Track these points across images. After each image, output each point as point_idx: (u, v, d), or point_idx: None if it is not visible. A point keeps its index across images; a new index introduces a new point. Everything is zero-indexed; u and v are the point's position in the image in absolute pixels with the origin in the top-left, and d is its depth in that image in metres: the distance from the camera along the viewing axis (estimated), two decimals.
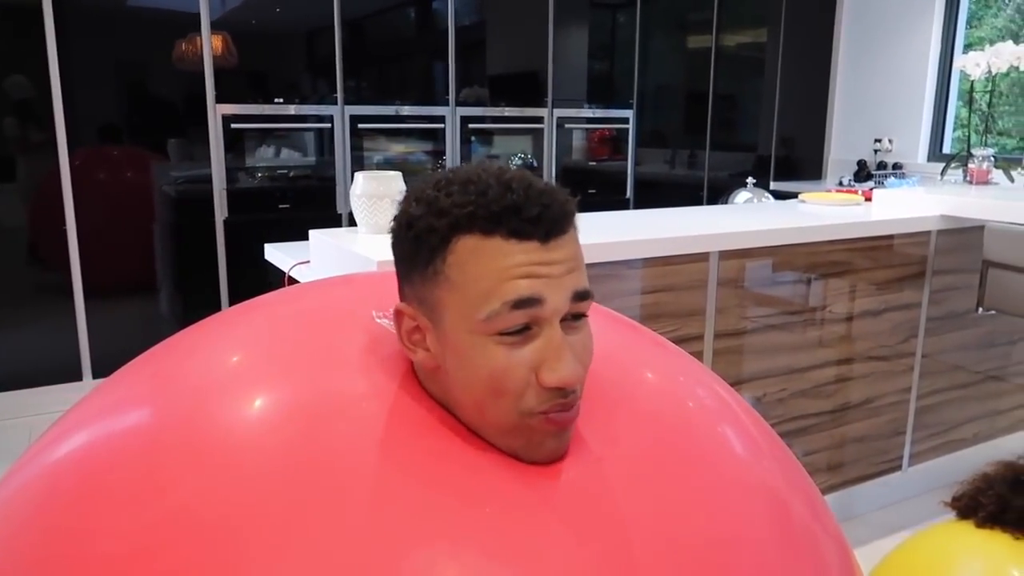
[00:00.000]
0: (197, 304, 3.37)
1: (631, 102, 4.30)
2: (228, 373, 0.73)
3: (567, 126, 4.11)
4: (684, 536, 0.66)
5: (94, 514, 0.61)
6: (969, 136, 3.07)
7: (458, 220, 0.63)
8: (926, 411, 2.46)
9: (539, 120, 4.02)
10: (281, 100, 3.41)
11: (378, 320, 0.79)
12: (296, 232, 2.05)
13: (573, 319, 0.65)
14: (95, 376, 3.22)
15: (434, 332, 0.66)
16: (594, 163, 4.27)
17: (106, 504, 0.61)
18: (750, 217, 2.21)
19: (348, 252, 1.54)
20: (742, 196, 3.21)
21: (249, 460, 0.63)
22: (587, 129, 4.21)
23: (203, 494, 0.61)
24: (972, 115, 3.13)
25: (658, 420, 0.76)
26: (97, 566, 0.58)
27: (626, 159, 4.34)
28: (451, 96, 3.77)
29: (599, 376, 0.75)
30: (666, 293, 1.88)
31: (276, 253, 1.95)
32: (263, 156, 3.44)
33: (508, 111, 3.92)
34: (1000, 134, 4.29)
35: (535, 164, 4.05)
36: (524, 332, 0.63)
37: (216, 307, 3.35)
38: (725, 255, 1.94)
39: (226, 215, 3.36)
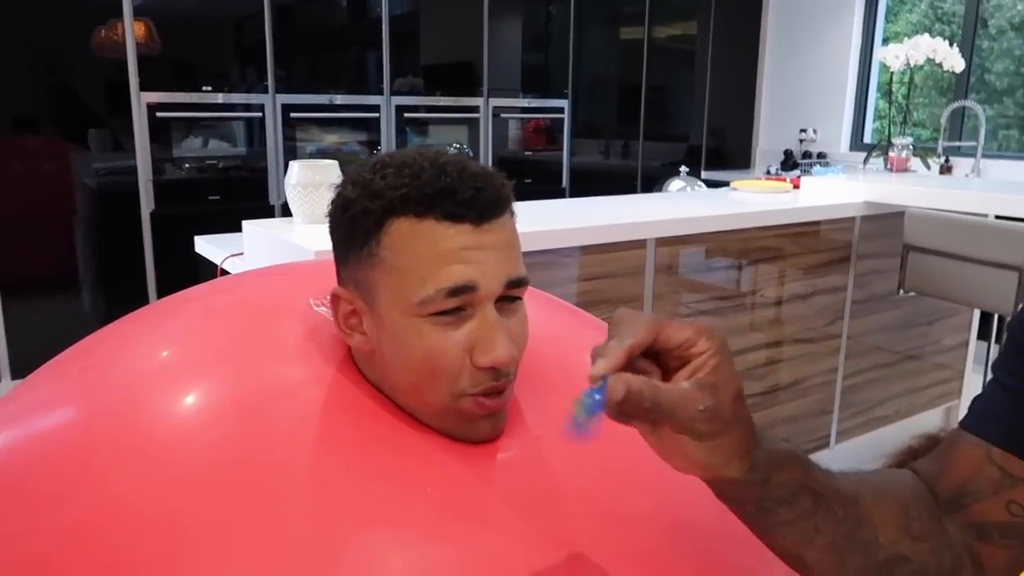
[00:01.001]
0: (123, 300, 3.25)
1: (566, 92, 4.33)
2: (162, 365, 0.71)
3: (503, 116, 4.11)
4: (624, 511, 0.67)
5: (21, 513, 0.59)
6: (889, 126, 3.20)
7: (392, 202, 0.63)
8: (851, 390, 2.57)
9: (475, 110, 4.01)
10: (209, 88, 3.31)
11: (316, 308, 0.78)
12: (227, 224, 2.00)
13: (507, 301, 0.66)
14: (14, 376, 3.08)
15: (370, 315, 0.67)
16: (530, 153, 4.29)
17: (34, 502, 0.59)
18: (685, 204, 2.26)
19: (284, 242, 1.51)
20: (676, 184, 3.27)
21: (186, 452, 0.62)
22: (522, 119, 4.22)
23: (138, 488, 0.59)
24: (891, 106, 3.26)
25: None
26: (24, 566, 0.56)
27: (561, 149, 4.37)
28: (385, 85, 3.73)
29: (538, 357, 0.75)
30: (604, 280, 1.90)
31: (207, 246, 1.90)
32: (191, 147, 3.33)
33: (443, 100, 3.90)
34: (915, 125, 4.48)
35: (471, 154, 4.04)
36: (458, 313, 0.64)
37: (144, 302, 3.21)
38: (662, 242, 1.97)
39: (153, 207, 3.25)
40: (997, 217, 2.18)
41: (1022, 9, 4.17)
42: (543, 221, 1.82)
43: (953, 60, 2.89)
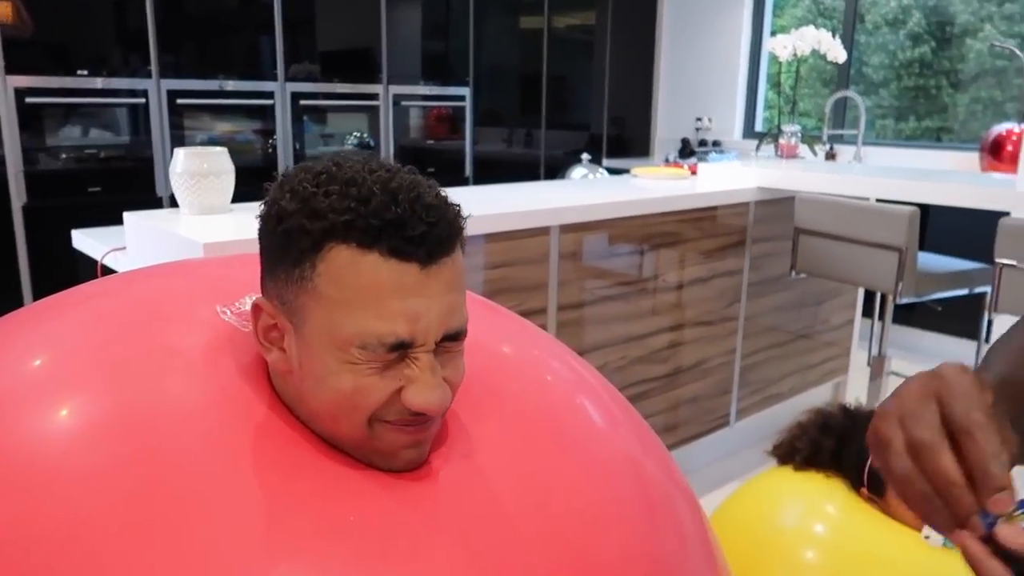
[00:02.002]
0: None
1: (467, 80, 4.30)
2: (37, 378, 0.63)
3: (403, 103, 4.03)
4: (555, 519, 0.65)
5: None
6: (779, 114, 3.33)
7: (334, 226, 0.57)
8: (749, 370, 2.66)
9: (374, 97, 3.92)
10: (86, 72, 3.10)
11: (222, 316, 0.71)
12: (111, 218, 1.87)
13: (449, 339, 0.62)
14: None
15: (294, 335, 0.61)
16: (432, 141, 4.24)
17: None
18: (588, 191, 2.28)
19: (170, 235, 1.42)
20: (578, 172, 3.30)
21: (67, 481, 0.55)
22: (424, 107, 4.16)
23: (9, 527, 0.52)
24: (780, 96, 3.40)
25: (521, 403, 0.75)
26: None
27: (464, 138, 4.33)
28: (279, 71, 3.59)
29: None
30: (509, 268, 1.89)
31: (86, 240, 1.77)
32: (69, 135, 3.11)
33: (341, 87, 3.79)
34: (802, 115, 4.68)
35: (372, 144, 3.95)
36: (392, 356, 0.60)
37: (18, 304, 3.01)
38: (565, 229, 1.98)
39: (25, 201, 3.02)
40: (879, 200, 2.30)
41: (895, 6, 4.42)
42: None
43: (836, 51, 3.02)
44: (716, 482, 2.44)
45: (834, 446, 1.55)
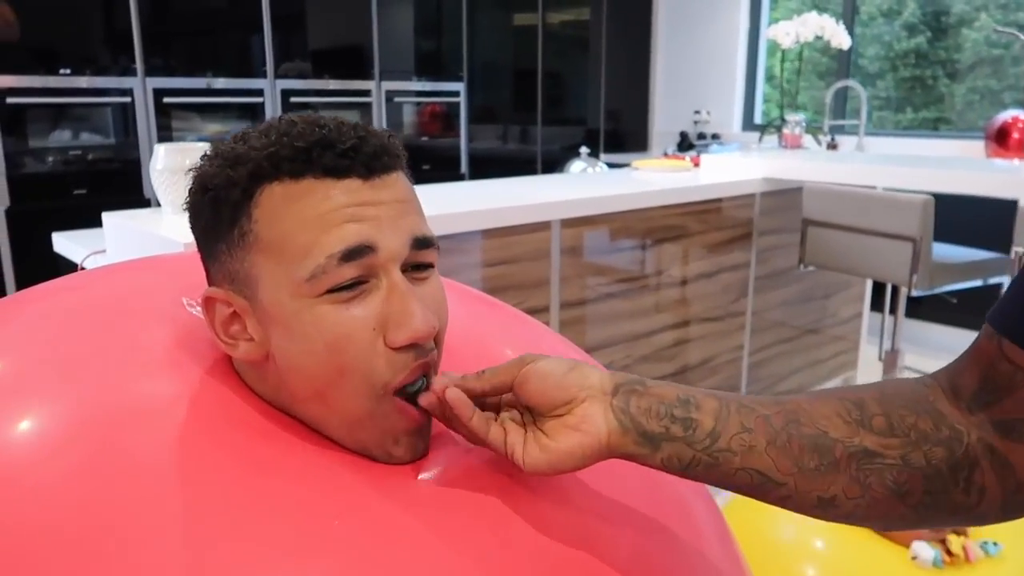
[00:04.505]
0: None
1: (461, 76, 4.22)
2: None
3: (396, 100, 3.96)
4: (564, 517, 0.59)
5: None
6: (782, 105, 3.26)
7: (260, 165, 0.53)
8: (757, 366, 2.59)
9: (367, 93, 3.84)
10: (69, 72, 3.01)
11: (190, 309, 0.67)
12: (98, 220, 1.80)
13: (417, 269, 0.56)
14: None
15: (252, 312, 0.55)
16: (427, 138, 4.17)
17: None
18: (588, 185, 2.20)
19: (150, 235, 1.34)
20: (577, 166, 3.23)
21: (23, 491, 0.50)
22: (417, 104, 4.09)
23: None
24: (782, 84, 3.33)
25: None
26: None
27: (459, 135, 4.26)
28: (269, 68, 3.51)
29: (456, 355, 0.66)
30: (510, 265, 1.82)
31: (66, 243, 1.70)
32: (53, 136, 3.03)
33: (333, 84, 3.71)
34: (798, 107, 4.62)
35: None
36: (359, 286, 0.53)
37: None
38: (567, 223, 1.90)
39: (8, 204, 2.93)
40: (886, 189, 2.23)
41: None
42: (444, 205, 1.72)
43: (840, 37, 2.96)
44: None
45: None
